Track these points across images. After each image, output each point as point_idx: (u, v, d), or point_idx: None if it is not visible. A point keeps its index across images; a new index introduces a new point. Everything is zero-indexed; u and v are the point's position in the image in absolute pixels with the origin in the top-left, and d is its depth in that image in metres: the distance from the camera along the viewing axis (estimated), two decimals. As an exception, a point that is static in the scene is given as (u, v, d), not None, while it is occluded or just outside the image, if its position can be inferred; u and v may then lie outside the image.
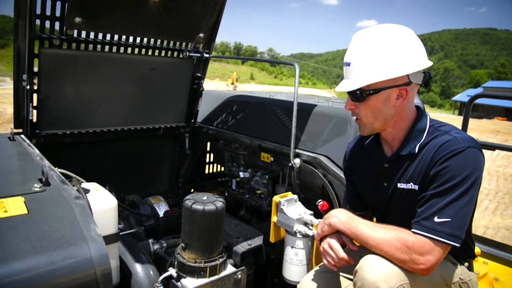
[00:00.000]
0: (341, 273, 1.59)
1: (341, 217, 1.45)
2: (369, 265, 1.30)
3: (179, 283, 1.62)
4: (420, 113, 1.46)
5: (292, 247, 1.90)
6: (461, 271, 1.48)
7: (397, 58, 1.32)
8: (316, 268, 1.68)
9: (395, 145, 1.48)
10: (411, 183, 1.40)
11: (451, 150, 1.29)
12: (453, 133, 1.36)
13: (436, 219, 1.26)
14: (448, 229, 1.25)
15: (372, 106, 1.40)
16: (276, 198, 1.98)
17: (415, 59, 1.35)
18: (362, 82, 1.36)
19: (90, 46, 2.22)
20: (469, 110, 2.67)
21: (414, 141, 1.41)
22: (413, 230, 1.31)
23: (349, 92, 1.43)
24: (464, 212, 1.27)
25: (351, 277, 1.57)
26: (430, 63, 1.39)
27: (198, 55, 2.64)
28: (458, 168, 1.27)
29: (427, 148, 1.37)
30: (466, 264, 1.54)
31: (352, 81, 1.39)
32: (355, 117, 1.49)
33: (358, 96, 1.40)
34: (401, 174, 1.44)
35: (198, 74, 2.77)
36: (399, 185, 1.44)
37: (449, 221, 1.25)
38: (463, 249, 1.50)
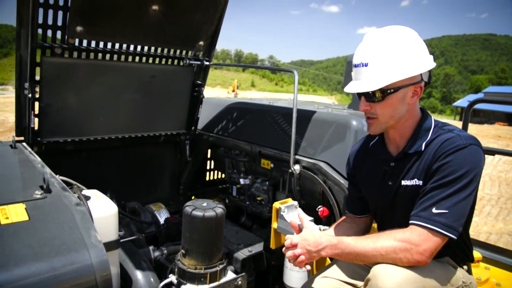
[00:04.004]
0: (342, 279, 1.59)
1: (330, 245, 1.42)
2: (382, 274, 1.30)
3: (179, 290, 1.62)
4: (425, 113, 1.51)
5: (293, 253, 1.90)
6: (462, 274, 1.49)
7: (414, 57, 1.38)
8: (317, 274, 1.67)
9: (402, 144, 1.50)
10: (415, 179, 1.43)
11: (453, 146, 1.33)
12: (456, 131, 1.41)
13: (434, 210, 1.29)
14: (445, 219, 1.27)
15: (390, 105, 1.42)
16: (276, 205, 1.99)
17: (426, 58, 1.41)
18: (385, 81, 1.37)
19: (91, 55, 2.25)
20: (468, 115, 2.69)
21: (421, 139, 1.44)
22: (410, 221, 1.33)
23: (363, 93, 1.43)
24: (462, 205, 1.30)
25: (353, 281, 1.57)
26: (434, 63, 1.45)
27: (198, 62, 2.66)
28: (459, 163, 1.31)
29: (431, 145, 1.41)
30: (465, 267, 1.55)
31: (372, 81, 1.38)
32: (368, 117, 1.48)
33: (378, 95, 1.40)
34: (406, 171, 1.46)
35: (199, 82, 2.79)
36: (403, 182, 1.46)
37: (447, 213, 1.28)
38: (462, 251, 1.52)
